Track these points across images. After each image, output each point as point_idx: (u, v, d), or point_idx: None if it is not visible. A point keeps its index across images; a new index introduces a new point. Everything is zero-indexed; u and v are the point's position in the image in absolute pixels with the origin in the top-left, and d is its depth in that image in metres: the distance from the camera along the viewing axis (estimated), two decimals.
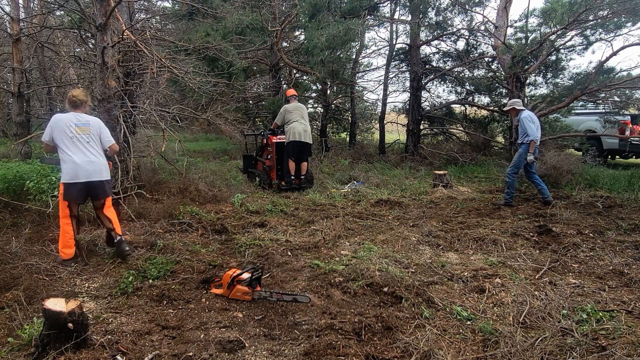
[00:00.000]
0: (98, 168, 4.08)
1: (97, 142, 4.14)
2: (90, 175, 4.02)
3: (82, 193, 4.04)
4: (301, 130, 7.52)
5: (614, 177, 7.96)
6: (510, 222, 5.48)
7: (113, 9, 5.16)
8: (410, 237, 4.94)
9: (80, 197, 4.05)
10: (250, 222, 5.49)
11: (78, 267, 3.97)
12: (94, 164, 4.04)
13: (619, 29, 8.32)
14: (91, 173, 4.02)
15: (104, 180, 4.13)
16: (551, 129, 10.10)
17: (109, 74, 5.21)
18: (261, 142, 8.34)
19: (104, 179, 4.13)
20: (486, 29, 9.99)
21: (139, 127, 7.16)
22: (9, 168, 5.72)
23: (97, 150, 4.12)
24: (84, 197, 4.10)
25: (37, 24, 9.67)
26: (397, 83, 14.24)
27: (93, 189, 4.07)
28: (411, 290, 3.43)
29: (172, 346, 2.70)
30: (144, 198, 5.83)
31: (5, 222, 5.07)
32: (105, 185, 4.16)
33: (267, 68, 12.97)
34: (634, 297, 3.33)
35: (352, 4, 9.89)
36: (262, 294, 3.34)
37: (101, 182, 4.09)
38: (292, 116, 7.64)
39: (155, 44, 7.63)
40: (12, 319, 2.95)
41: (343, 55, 10.61)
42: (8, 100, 13.57)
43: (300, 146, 7.59)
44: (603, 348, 2.54)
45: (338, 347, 2.63)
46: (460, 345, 2.73)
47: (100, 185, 4.09)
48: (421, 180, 8.62)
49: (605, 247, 4.47)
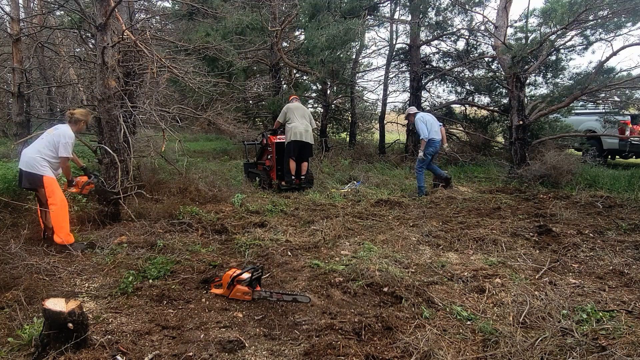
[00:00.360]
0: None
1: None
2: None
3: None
4: (302, 130, 7.49)
5: (614, 177, 7.96)
6: (510, 222, 5.48)
7: (113, 9, 5.16)
8: (410, 237, 4.94)
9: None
10: (250, 222, 5.49)
11: (78, 267, 3.98)
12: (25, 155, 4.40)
13: (619, 29, 8.31)
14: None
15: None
16: (551, 129, 10.09)
17: (109, 74, 5.21)
18: (261, 142, 8.33)
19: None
20: (486, 29, 9.99)
21: (139, 127, 7.16)
22: (9, 168, 5.73)
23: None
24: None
25: (37, 24, 9.66)
26: (397, 83, 14.25)
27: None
28: (411, 290, 3.43)
29: (172, 346, 2.70)
30: (144, 198, 5.83)
31: (5, 222, 5.08)
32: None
33: (267, 68, 12.97)
34: (634, 297, 3.33)
35: (352, 4, 9.89)
36: (262, 294, 3.34)
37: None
38: (294, 115, 7.62)
39: (155, 44, 7.63)
40: (12, 319, 2.96)
41: (343, 55, 10.59)
42: (8, 100, 13.56)
43: (300, 146, 7.56)
44: (603, 348, 2.54)
45: (338, 347, 2.63)
46: (460, 345, 2.73)
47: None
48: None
49: (605, 247, 4.47)
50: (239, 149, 12.58)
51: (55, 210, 4.30)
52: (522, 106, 8.48)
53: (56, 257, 4.20)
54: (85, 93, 10.45)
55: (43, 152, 4.38)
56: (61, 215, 4.32)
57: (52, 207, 4.30)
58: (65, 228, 4.35)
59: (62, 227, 4.33)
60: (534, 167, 7.88)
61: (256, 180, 8.10)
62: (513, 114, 8.53)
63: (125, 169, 5.89)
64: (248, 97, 14.09)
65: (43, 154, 4.38)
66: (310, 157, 8.06)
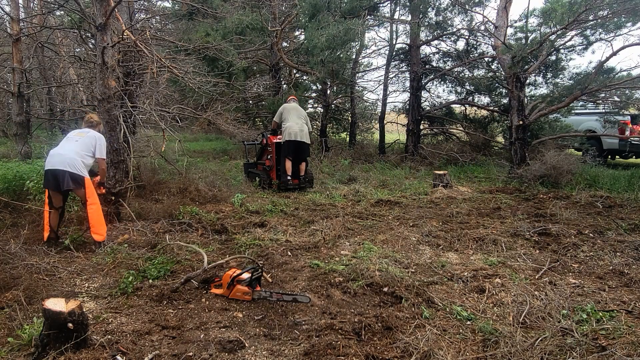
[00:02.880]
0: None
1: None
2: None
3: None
4: (297, 130, 7.52)
5: (614, 177, 7.96)
6: (510, 222, 5.48)
7: (113, 9, 5.16)
8: (410, 237, 4.94)
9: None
10: (250, 222, 5.49)
11: (78, 267, 3.98)
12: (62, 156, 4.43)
13: (619, 29, 8.31)
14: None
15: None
16: (551, 129, 10.10)
17: (109, 74, 5.21)
18: (261, 142, 8.34)
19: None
20: (486, 29, 9.99)
21: (139, 127, 7.16)
22: (9, 168, 5.72)
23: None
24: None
25: (37, 24, 9.66)
26: (397, 83, 14.26)
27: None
28: (411, 290, 3.43)
29: (172, 346, 2.70)
30: (144, 198, 5.83)
31: (5, 222, 5.08)
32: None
33: (267, 68, 12.98)
34: (634, 297, 3.33)
35: (352, 4, 9.89)
36: (262, 294, 3.34)
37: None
38: (289, 115, 7.68)
39: (155, 44, 7.63)
40: (12, 319, 2.95)
41: (343, 55, 10.60)
42: (8, 100, 13.57)
43: (296, 146, 7.57)
44: (603, 348, 2.54)
45: (338, 347, 2.63)
46: (460, 345, 2.73)
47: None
48: (421, 180, 8.62)
49: (605, 247, 4.47)
50: (239, 149, 12.58)
51: (95, 209, 4.48)
52: (522, 106, 8.48)
53: (56, 257, 4.21)
54: (85, 93, 10.46)
55: (81, 154, 4.52)
56: (100, 214, 4.52)
57: (92, 206, 4.47)
58: (104, 226, 4.55)
59: (102, 225, 4.52)
60: (534, 167, 7.88)
61: (256, 180, 8.10)
62: (513, 114, 8.53)
63: (125, 169, 5.90)
64: (248, 97, 14.09)
65: (82, 156, 4.52)
66: (308, 156, 8.08)
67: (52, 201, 4.51)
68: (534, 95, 10.83)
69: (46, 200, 4.52)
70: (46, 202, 4.52)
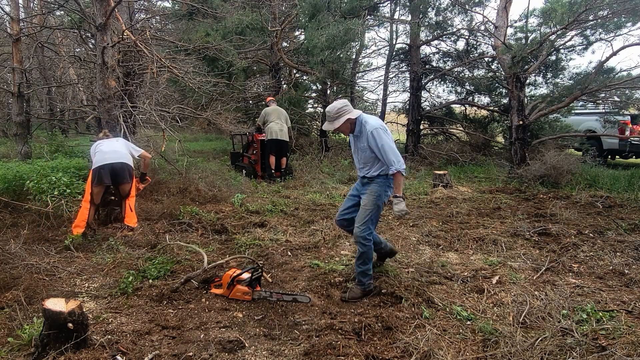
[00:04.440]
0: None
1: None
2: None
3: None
4: (277, 130, 8.48)
5: (614, 177, 7.96)
6: (510, 222, 5.48)
7: (113, 9, 5.16)
8: (410, 237, 4.94)
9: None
10: (250, 222, 5.49)
11: (78, 267, 3.98)
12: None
13: (619, 29, 8.31)
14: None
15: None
16: (551, 129, 10.09)
17: (109, 74, 5.21)
18: (247, 139, 9.37)
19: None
20: (486, 29, 9.98)
21: (139, 127, 7.15)
22: (9, 168, 5.72)
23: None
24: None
25: (37, 24, 9.66)
26: (397, 83, 14.23)
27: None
28: (411, 290, 3.43)
29: (172, 346, 2.70)
30: (144, 198, 5.83)
31: (5, 222, 5.07)
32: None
33: (267, 68, 12.97)
34: (634, 297, 3.33)
35: (352, 4, 9.89)
36: (262, 294, 3.34)
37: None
38: (271, 117, 8.64)
39: (155, 44, 7.63)
40: (12, 319, 2.95)
41: (343, 55, 10.60)
42: (8, 100, 13.56)
43: (277, 143, 8.57)
44: (603, 348, 2.54)
45: (338, 347, 2.63)
46: (460, 345, 2.73)
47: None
48: (421, 180, 8.61)
49: (605, 247, 4.47)
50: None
51: (133, 201, 5.00)
52: (522, 106, 8.48)
53: (56, 257, 4.21)
54: (85, 93, 10.46)
55: (129, 153, 5.03)
56: (134, 205, 5.02)
57: (132, 199, 4.97)
58: (135, 214, 5.04)
59: (135, 214, 5.02)
60: (534, 167, 7.88)
61: (243, 172, 9.04)
62: (513, 114, 8.53)
63: None
64: (248, 97, 14.08)
65: (130, 154, 5.04)
66: (288, 152, 9.10)
67: (94, 198, 4.73)
68: (534, 95, 10.83)
69: (88, 198, 4.69)
70: (87, 199, 4.68)
